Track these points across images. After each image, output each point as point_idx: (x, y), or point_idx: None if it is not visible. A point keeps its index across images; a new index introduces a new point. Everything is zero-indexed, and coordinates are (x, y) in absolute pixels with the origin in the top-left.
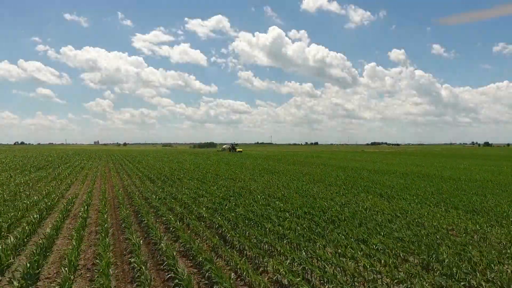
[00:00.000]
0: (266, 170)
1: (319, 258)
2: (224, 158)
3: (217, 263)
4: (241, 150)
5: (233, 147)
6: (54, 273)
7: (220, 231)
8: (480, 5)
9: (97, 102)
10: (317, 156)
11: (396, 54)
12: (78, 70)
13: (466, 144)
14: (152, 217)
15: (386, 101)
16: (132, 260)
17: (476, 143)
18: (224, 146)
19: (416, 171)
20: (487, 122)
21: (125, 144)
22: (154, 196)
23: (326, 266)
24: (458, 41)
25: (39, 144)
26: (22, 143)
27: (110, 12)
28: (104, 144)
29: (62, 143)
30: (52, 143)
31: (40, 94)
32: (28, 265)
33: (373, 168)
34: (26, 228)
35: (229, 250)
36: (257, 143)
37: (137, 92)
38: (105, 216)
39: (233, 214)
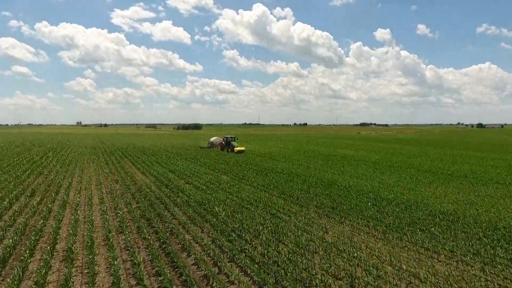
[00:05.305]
0: None
1: None
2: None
3: None
4: (242, 148)
5: (228, 141)
6: None
7: None
8: None
9: (78, 81)
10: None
11: (382, 33)
12: (55, 47)
13: (452, 124)
14: None
15: (372, 82)
16: None
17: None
18: (212, 140)
19: None
20: (469, 103)
21: (105, 125)
22: None
23: None
24: (442, 21)
25: (17, 125)
26: None
27: None
28: (85, 125)
29: (41, 124)
30: (32, 124)
31: (16, 72)
32: None
33: None
34: None
35: None
36: (245, 123)
37: (118, 71)
38: None
39: None
